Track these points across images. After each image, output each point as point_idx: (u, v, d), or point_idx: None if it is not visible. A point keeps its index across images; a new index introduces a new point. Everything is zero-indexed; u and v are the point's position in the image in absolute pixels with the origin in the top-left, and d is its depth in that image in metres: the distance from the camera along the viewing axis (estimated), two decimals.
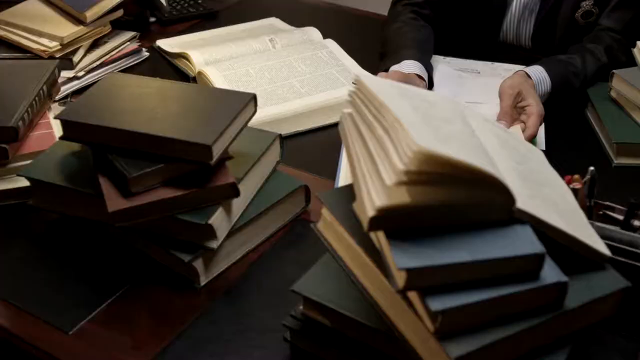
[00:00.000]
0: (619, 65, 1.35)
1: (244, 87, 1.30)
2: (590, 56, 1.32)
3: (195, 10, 1.69)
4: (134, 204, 0.86)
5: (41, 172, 0.97)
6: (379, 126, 0.71)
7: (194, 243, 0.90)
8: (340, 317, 0.77)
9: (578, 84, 1.30)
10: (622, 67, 1.33)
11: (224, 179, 0.89)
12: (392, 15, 1.50)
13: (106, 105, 0.93)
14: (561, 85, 1.27)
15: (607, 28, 1.38)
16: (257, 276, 0.94)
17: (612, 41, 1.36)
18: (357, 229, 0.79)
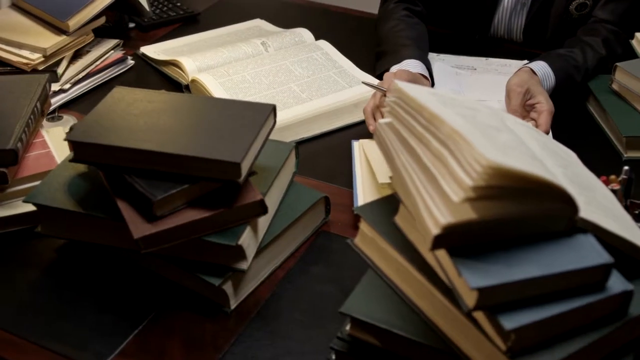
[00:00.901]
0: (616, 57, 1.35)
1: (243, 94, 1.25)
2: (590, 49, 1.32)
3: (176, 13, 1.63)
4: (160, 229, 0.81)
5: (48, 197, 0.91)
6: (433, 139, 0.68)
7: (223, 265, 0.85)
8: (393, 336, 0.74)
9: (580, 78, 1.29)
10: (619, 58, 1.33)
11: (251, 196, 0.85)
12: (385, 13, 1.47)
13: (118, 124, 0.87)
14: (565, 80, 1.26)
15: (603, 20, 1.38)
16: (286, 294, 0.90)
17: (608, 33, 1.36)
18: (403, 244, 0.76)
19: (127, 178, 0.83)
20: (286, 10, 1.75)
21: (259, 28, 1.57)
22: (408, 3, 1.47)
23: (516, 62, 1.46)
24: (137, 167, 0.84)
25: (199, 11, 1.67)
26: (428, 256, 0.73)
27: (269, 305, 0.89)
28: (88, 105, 1.31)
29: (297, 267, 0.95)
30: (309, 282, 0.92)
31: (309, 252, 0.97)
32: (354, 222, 1.02)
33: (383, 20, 1.45)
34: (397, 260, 0.77)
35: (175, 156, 0.82)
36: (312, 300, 0.89)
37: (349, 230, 1.01)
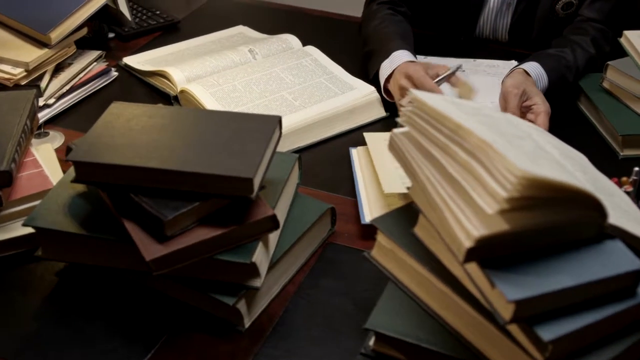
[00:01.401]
0: (604, 55, 1.36)
1: (235, 103, 1.22)
2: (579, 49, 1.32)
3: (156, 22, 1.59)
4: (172, 250, 0.78)
5: (48, 219, 0.87)
6: (459, 149, 0.66)
7: (236, 283, 0.83)
8: (420, 350, 0.73)
9: (572, 77, 1.30)
10: (607, 57, 1.34)
11: (262, 212, 0.82)
12: (369, 14, 1.46)
13: (121, 141, 0.84)
14: (557, 80, 1.27)
15: (590, 19, 1.39)
16: (300, 310, 0.88)
17: (596, 32, 1.36)
18: (425, 255, 0.75)
19: (134, 198, 0.80)
20: (267, 15, 1.73)
21: (242, 35, 1.55)
22: (391, 4, 1.46)
23: (504, 63, 1.46)
24: (144, 185, 0.81)
25: (179, 19, 1.63)
26: (453, 267, 0.72)
27: (283, 321, 0.87)
28: (74, 120, 1.27)
29: (307, 281, 0.93)
30: (321, 296, 0.90)
31: (318, 265, 0.95)
32: (361, 232, 1.01)
33: (367, 21, 1.44)
34: (419, 271, 0.76)
35: (184, 174, 0.79)
36: (326, 315, 0.87)
37: (356, 241, 1.00)
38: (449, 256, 0.72)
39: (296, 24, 1.66)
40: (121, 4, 1.39)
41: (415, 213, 0.77)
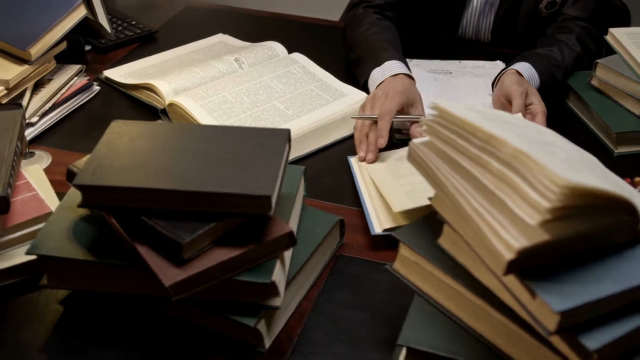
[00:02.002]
0: (589, 53, 1.37)
1: (227, 115, 1.19)
2: (567, 47, 1.33)
3: (133, 33, 1.55)
4: (191, 273, 0.75)
5: (53, 246, 0.83)
6: (492, 160, 0.65)
7: (255, 304, 0.80)
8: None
9: (561, 76, 1.30)
10: (592, 55, 1.35)
11: (280, 229, 0.80)
12: (354, 18, 1.44)
13: (129, 162, 0.81)
14: (549, 80, 1.27)
15: (574, 17, 1.40)
16: (318, 326, 0.86)
17: (580, 30, 1.37)
18: (452, 266, 0.73)
19: (147, 221, 0.77)
20: (244, 22, 1.70)
21: (224, 43, 1.52)
22: (378, 8, 1.45)
23: (489, 64, 1.47)
24: (156, 207, 0.78)
25: (156, 29, 1.59)
26: (484, 278, 0.71)
27: (304, 339, 0.84)
28: (59, 139, 1.23)
29: (322, 296, 0.91)
30: (337, 310, 0.88)
31: (330, 279, 0.93)
32: (370, 243, 0.99)
33: (354, 26, 1.42)
34: (447, 283, 0.75)
35: (201, 194, 0.76)
36: (345, 330, 0.86)
37: (366, 252, 0.98)
38: (478, 267, 0.71)
39: (275, 30, 1.64)
40: (100, 16, 1.35)
41: (438, 223, 0.76)
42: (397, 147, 1.17)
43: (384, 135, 1.11)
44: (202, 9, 1.77)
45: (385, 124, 1.12)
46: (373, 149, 1.12)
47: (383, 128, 1.11)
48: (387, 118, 1.12)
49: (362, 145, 1.14)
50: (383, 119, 1.12)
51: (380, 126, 1.12)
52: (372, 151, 1.12)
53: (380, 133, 1.11)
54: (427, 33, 1.56)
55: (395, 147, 1.17)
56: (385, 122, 1.12)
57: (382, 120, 1.12)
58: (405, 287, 0.91)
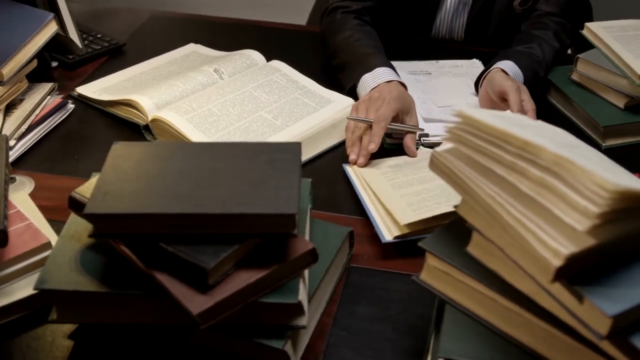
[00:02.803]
0: (566, 48, 1.39)
1: (215, 128, 1.16)
2: (545, 43, 1.34)
3: (100, 46, 1.50)
4: (218, 299, 0.72)
5: (61, 279, 0.79)
6: (530, 167, 0.64)
7: (281, 325, 0.78)
8: None
9: (542, 72, 1.32)
10: (567, 49, 1.37)
11: (302, 246, 0.78)
12: (334, 24, 1.42)
13: (140, 187, 0.77)
14: (532, 77, 1.28)
15: (548, 13, 1.41)
16: (343, 342, 0.84)
17: (556, 26, 1.39)
18: (485, 274, 0.73)
19: (166, 248, 0.74)
20: (212, 30, 1.66)
21: (197, 53, 1.48)
22: (357, 13, 1.43)
23: (466, 62, 1.47)
24: (173, 233, 0.75)
25: (124, 41, 1.54)
26: (521, 284, 0.70)
27: (329, 357, 0.82)
28: (39, 162, 1.17)
29: (341, 311, 0.89)
30: (359, 324, 0.87)
31: (346, 292, 0.92)
32: (380, 252, 0.98)
33: (334, 31, 1.40)
34: (480, 291, 0.74)
35: (222, 216, 0.73)
36: (370, 344, 0.84)
37: (377, 262, 0.97)
38: (513, 273, 0.70)
39: (244, 37, 1.61)
40: (71, 31, 1.29)
41: (463, 231, 0.75)
42: (388, 153, 1.15)
43: (376, 140, 1.10)
44: (167, 18, 1.73)
45: (380, 130, 1.10)
46: (365, 153, 1.11)
47: (377, 134, 1.10)
48: (382, 124, 1.10)
49: (354, 147, 1.13)
50: (378, 125, 1.10)
51: (375, 131, 1.10)
52: (363, 155, 1.11)
53: (373, 138, 1.10)
54: (401, 34, 1.56)
55: (387, 152, 1.15)
56: (380, 128, 1.10)
57: (377, 126, 1.11)
58: (422, 296, 0.91)
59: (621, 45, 1.23)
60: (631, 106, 1.22)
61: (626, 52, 1.21)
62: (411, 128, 1.16)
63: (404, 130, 1.16)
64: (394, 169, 1.09)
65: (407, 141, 1.15)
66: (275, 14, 2.13)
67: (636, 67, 1.17)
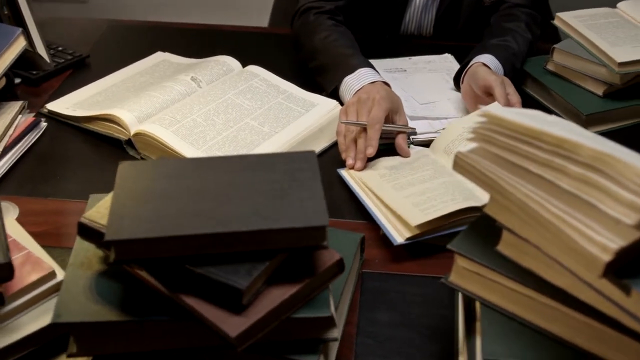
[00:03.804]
0: (537, 38, 1.41)
1: (203, 139, 1.13)
2: (519, 35, 1.36)
3: (64, 59, 1.43)
4: (254, 319, 0.70)
5: (78, 310, 0.75)
6: (569, 164, 0.65)
7: (314, 339, 0.76)
8: None
9: (519, 64, 1.33)
10: (538, 40, 1.40)
11: (329, 257, 0.76)
12: (308, 25, 1.40)
13: (159, 208, 0.74)
14: (511, 69, 1.29)
15: (517, 5, 1.43)
16: (370, 350, 0.83)
17: (527, 17, 1.41)
18: (518, 272, 0.73)
19: (195, 270, 0.71)
20: (176, 37, 1.62)
21: (168, 62, 1.44)
22: (330, 13, 1.41)
23: (438, 57, 1.48)
24: (200, 254, 0.72)
25: (87, 53, 1.48)
26: (558, 280, 0.70)
27: None
28: (19, 185, 1.12)
29: (363, 318, 0.88)
30: (383, 331, 0.86)
31: (364, 299, 0.90)
32: (390, 255, 0.97)
33: (309, 33, 1.38)
34: (515, 289, 0.74)
35: (253, 233, 0.71)
36: (398, 351, 0.83)
37: (389, 265, 0.96)
38: (547, 269, 0.71)
39: (209, 43, 1.58)
40: (39, 46, 1.23)
41: (490, 230, 0.75)
42: (382, 153, 1.14)
43: (374, 144, 1.09)
44: (127, 26, 1.67)
45: (375, 133, 1.09)
46: (362, 157, 1.10)
47: (374, 137, 1.09)
48: (377, 127, 1.09)
49: (349, 151, 1.12)
50: (373, 128, 1.09)
51: (371, 135, 1.09)
52: (361, 159, 1.10)
53: (370, 142, 1.09)
54: (370, 32, 1.55)
55: (380, 154, 1.14)
56: (375, 131, 1.09)
57: (372, 129, 1.10)
58: (439, 298, 0.91)
59: (595, 33, 1.26)
60: (609, 93, 1.25)
61: (601, 40, 1.24)
62: (404, 128, 1.16)
63: (395, 131, 1.16)
64: (392, 170, 1.09)
65: (400, 141, 1.14)
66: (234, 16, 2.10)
67: (614, 55, 1.20)
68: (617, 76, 1.22)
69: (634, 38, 1.26)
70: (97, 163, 1.17)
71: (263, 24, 1.84)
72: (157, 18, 1.96)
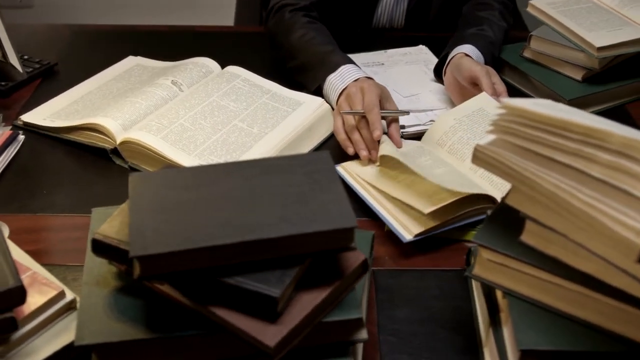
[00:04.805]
0: (510, 26, 1.43)
1: (194, 144, 1.10)
2: (494, 24, 1.37)
3: (32, 69, 1.38)
4: (290, 326, 0.69)
5: (103, 331, 0.72)
6: (599, 151, 0.65)
7: (343, 342, 0.75)
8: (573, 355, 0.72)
9: (497, 53, 1.35)
10: (511, 27, 1.42)
11: (355, 258, 0.76)
12: (284, 23, 1.38)
13: (181, 220, 0.72)
14: (490, 58, 1.31)
15: None
16: (396, 349, 0.83)
17: (499, 5, 1.43)
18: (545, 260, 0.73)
19: (226, 281, 0.69)
20: (142, 40, 1.57)
21: (141, 66, 1.40)
22: (305, 10, 1.40)
23: (413, 49, 1.49)
24: (229, 264, 0.70)
25: (55, 61, 1.43)
26: (585, 266, 0.71)
27: None
28: (5, 203, 1.07)
29: (382, 317, 0.87)
30: (404, 328, 0.86)
31: (380, 297, 0.90)
32: (398, 251, 0.97)
33: (286, 31, 1.36)
34: (542, 278, 0.75)
35: (284, 239, 0.69)
36: (425, 347, 0.83)
37: (399, 261, 0.96)
38: (574, 256, 0.71)
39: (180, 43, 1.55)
40: (11, 56, 1.18)
41: (509, 221, 0.76)
42: None
43: (378, 127, 1.09)
44: (90, 32, 1.62)
45: (376, 116, 1.09)
46: (374, 145, 1.10)
47: (376, 120, 1.09)
48: (375, 110, 1.09)
49: (358, 144, 1.11)
50: (372, 112, 1.09)
51: (373, 119, 1.09)
52: (374, 148, 1.10)
53: (374, 126, 1.08)
54: (342, 27, 1.55)
55: None
56: (375, 114, 1.09)
57: (371, 114, 1.09)
58: (453, 290, 0.91)
59: (570, 19, 1.28)
60: (588, 78, 1.28)
61: (577, 26, 1.26)
62: (398, 113, 1.16)
63: (390, 116, 1.15)
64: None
65: (392, 131, 1.14)
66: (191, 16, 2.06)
67: (592, 40, 1.23)
68: (595, 61, 1.24)
69: (607, 22, 1.29)
70: (83, 174, 1.13)
71: (228, 23, 1.81)
72: (108, 21, 1.92)
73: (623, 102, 1.31)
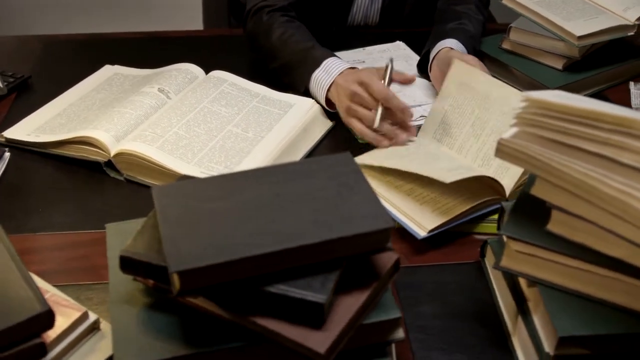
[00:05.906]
0: (485, 20, 1.46)
1: (191, 152, 1.09)
2: (472, 18, 1.39)
3: (7, 82, 1.33)
4: (337, 331, 0.68)
5: (141, 352, 0.70)
6: (629, 139, 0.67)
7: (381, 342, 0.76)
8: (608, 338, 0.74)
9: (478, 46, 1.37)
10: (487, 20, 1.44)
11: (388, 257, 0.76)
12: (263, 25, 1.36)
13: (216, 231, 0.70)
14: (472, 52, 1.32)
15: None
16: (428, 346, 0.83)
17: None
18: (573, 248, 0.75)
19: (270, 290, 0.69)
20: (117, 48, 1.54)
21: (122, 75, 1.36)
22: (283, 10, 1.39)
23: (391, 45, 1.50)
24: (269, 272, 0.69)
25: (29, 74, 1.38)
26: (614, 251, 0.73)
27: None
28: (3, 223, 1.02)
29: (408, 314, 0.87)
30: (432, 324, 0.86)
31: (403, 295, 0.90)
32: (412, 248, 0.98)
33: (265, 33, 1.35)
34: (572, 265, 0.76)
35: (325, 244, 0.69)
36: (456, 342, 0.83)
37: (413, 258, 0.96)
38: (602, 242, 0.73)
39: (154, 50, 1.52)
40: None
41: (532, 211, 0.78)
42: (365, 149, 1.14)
43: (405, 108, 1.12)
44: (62, 41, 1.57)
45: (397, 100, 1.12)
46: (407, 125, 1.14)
47: (399, 103, 1.12)
48: (391, 94, 1.12)
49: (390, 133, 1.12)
50: (391, 100, 1.12)
51: (396, 104, 1.11)
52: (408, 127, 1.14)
53: (400, 108, 1.12)
54: (317, 26, 1.54)
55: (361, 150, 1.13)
56: (394, 98, 1.12)
57: (391, 101, 1.12)
58: (472, 282, 0.92)
59: (547, 10, 1.31)
60: (569, 66, 1.31)
61: (555, 16, 1.29)
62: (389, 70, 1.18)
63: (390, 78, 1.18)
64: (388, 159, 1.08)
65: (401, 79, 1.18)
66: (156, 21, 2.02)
67: (572, 29, 1.26)
68: (575, 49, 1.28)
69: (583, 11, 1.33)
70: (77, 189, 1.10)
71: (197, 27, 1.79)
72: (70, 30, 1.87)
73: (602, 87, 1.35)
